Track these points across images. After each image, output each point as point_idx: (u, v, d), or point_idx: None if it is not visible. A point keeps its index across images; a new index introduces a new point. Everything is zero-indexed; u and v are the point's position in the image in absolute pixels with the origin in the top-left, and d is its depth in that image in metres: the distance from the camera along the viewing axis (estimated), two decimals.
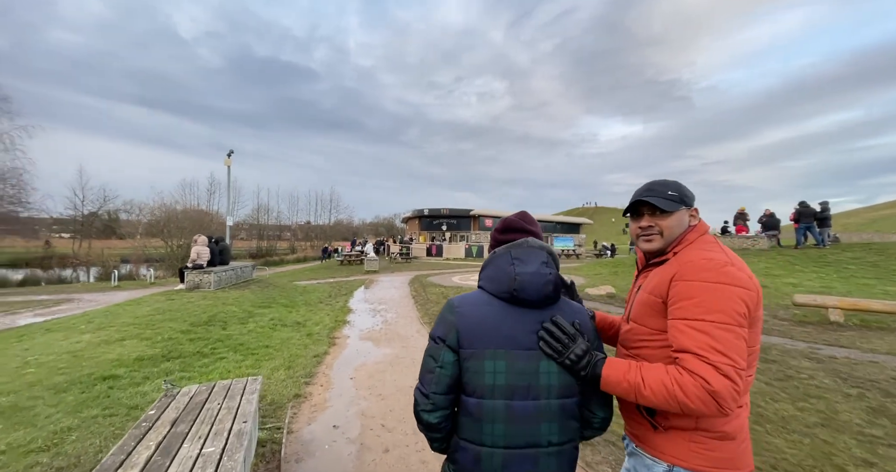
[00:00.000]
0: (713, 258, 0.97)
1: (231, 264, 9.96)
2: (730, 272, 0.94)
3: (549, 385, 0.98)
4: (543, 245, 1.10)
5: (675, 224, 1.08)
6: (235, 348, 4.96)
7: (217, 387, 2.61)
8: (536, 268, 1.02)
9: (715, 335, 0.88)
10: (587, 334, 1.04)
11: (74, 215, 32.93)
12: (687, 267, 0.98)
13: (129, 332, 4.96)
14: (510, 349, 0.98)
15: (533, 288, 1.00)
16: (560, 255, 29.87)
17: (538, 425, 0.97)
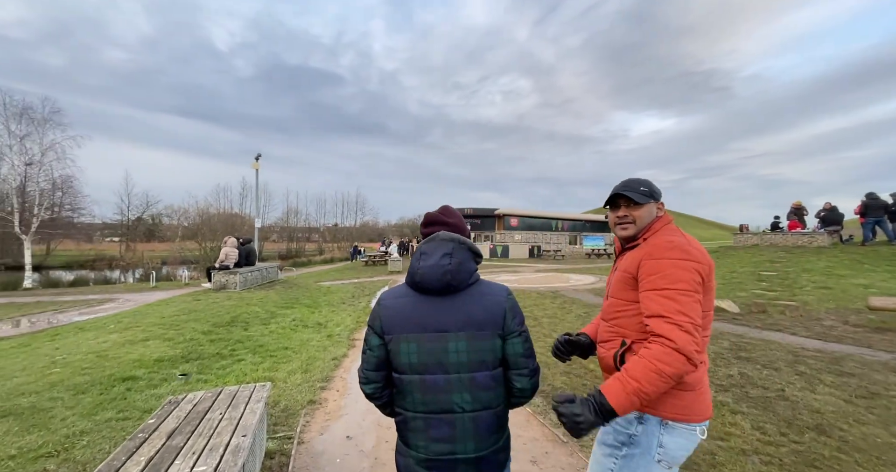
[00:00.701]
0: (674, 241, 1.19)
1: (257, 264, 10.11)
2: (687, 251, 1.16)
3: (458, 362, 1.12)
4: (454, 237, 1.20)
5: (645, 214, 1.29)
6: (255, 349, 4.91)
7: (223, 394, 2.46)
8: (436, 261, 1.14)
9: (678, 300, 1.08)
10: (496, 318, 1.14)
11: (121, 220, 35.26)
12: (654, 248, 1.20)
13: (153, 332, 5.01)
14: (420, 333, 1.13)
15: (432, 279, 1.13)
16: (591, 254, 28.89)
17: (450, 394, 1.12)
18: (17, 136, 14.10)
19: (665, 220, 1.31)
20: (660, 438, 1.18)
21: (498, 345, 1.14)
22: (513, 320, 1.16)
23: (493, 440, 1.16)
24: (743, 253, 12.45)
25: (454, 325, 1.12)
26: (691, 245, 1.19)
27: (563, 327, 6.33)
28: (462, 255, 1.18)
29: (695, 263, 1.14)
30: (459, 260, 1.16)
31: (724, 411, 2.99)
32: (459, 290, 1.16)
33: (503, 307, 1.15)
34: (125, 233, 35.20)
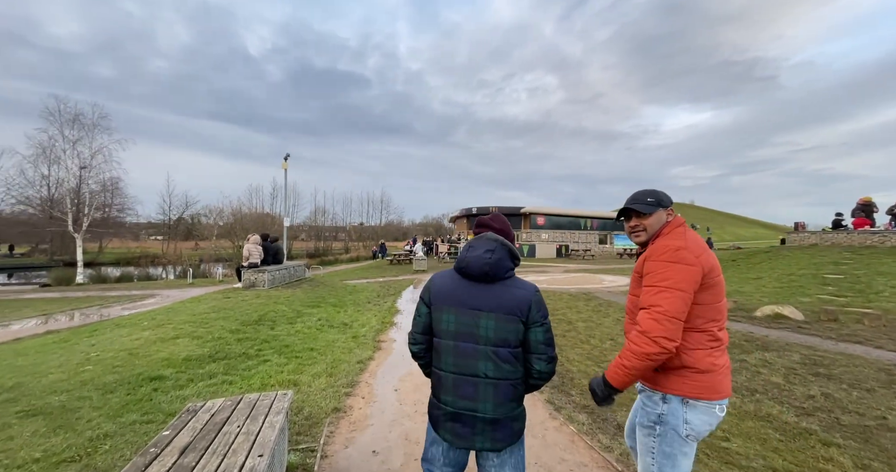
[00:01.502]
0: (669, 245, 1.39)
1: (284, 263, 10.20)
2: (679, 254, 1.35)
3: (486, 336, 1.37)
4: (497, 238, 1.46)
5: (654, 222, 1.49)
6: (280, 350, 4.82)
7: (242, 403, 2.29)
8: (479, 253, 1.41)
9: (659, 295, 1.32)
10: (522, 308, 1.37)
11: (163, 219, 37.39)
12: (653, 251, 1.42)
13: (183, 330, 5.04)
14: (458, 307, 1.41)
15: (474, 267, 1.40)
16: (623, 254, 27.63)
17: (476, 361, 1.37)
18: (71, 140, 15.13)
19: (674, 224, 1.47)
20: (685, 415, 1.36)
21: (520, 330, 1.37)
22: (537, 313, 1.38)
23: (509, 409, 1.38)
24: (800, 254, 11.36)
25: (487, 306, 1.38)
26: (687, 249, 1.35)
27: (601, 332, 5.88)
28: (501, 253, 1.42)
29: (683, 265, 1.32)
30: (499, 257, 1.41)
31: (812, 441, 2.54)
32: (495, 280, 1.41)
33: (530, 300, 1.38)
34: (167, 232, 37.23)
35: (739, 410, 3.10)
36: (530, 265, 21.03)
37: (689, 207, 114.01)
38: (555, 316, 7.14)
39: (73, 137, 15.14)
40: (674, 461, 1.40)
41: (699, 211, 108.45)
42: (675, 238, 1.41)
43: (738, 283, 10.11)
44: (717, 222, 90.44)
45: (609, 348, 5.03)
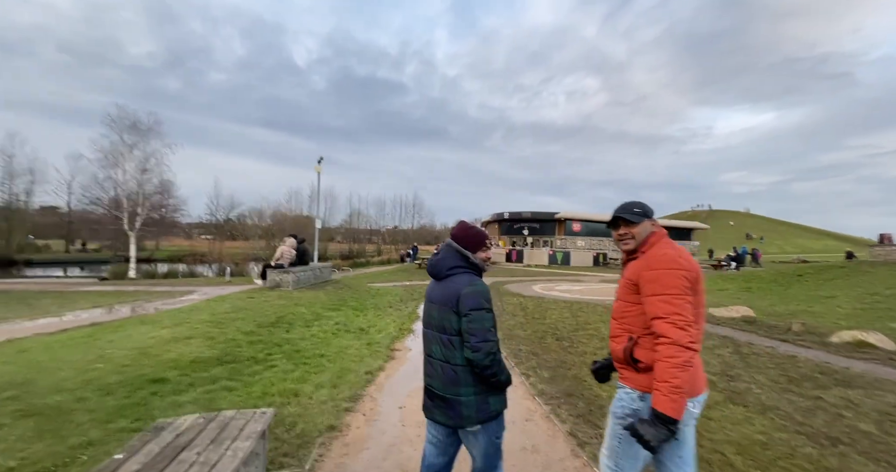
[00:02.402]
0: (667, 254, 1.46)
1: (312, 264, 10.27)
2: (677, 262, 1.43)
3: (436, 324, 1.67)
4: (447, 242, 1.79)
5: (641, 231, 1.57)
6: (290, 355, 4.66)
7: (214, 423, 2.05)
8: (435, 257, 1.77)
9: (672, 303, 1.37)
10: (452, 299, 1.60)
11: (211, 220, 40.04)
12: (651, 260, 1.48)
13: (199, 330, 5.04)
14: (427, 301, 1.78)
15: (430, 269, 1.76)
16: None
17: (430, 344, 1.71)
18: (129, 145, 16.47)
19: (660, 234, 1.56)
20: None
21: (454, 319, 1.60)
22: (464, 305, 1.56)
23: (454, 391, 1.59)
24: (885, 271, 9.78)
25: (435, 298, 1.70)
26: (681, 257, 1.46)
27: None
28: (445, 254, 1.73)
29: (684, 271, 1.41)
30: (441, 257, 1.73)
31: None
32: (440, 277, 1.71)
33: (458, 293, 1.59)
34: (213, 232, 39.79)
35: (818, 465, 2.45)
36: (564, 273, 20.06)
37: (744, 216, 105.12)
38: (586, 331, 6.52)
39: (131, 141, 16.51)
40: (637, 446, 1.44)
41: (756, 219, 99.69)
42: (668, 247, 1.50)
43: (805, 301, 8.84)
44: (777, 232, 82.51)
45: None
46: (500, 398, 1.65)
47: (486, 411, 1.58)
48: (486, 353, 1.50)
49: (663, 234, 1.57)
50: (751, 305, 8.57)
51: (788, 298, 9.41)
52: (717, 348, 5.33)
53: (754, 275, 13.78)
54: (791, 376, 4.11)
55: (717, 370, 4.35)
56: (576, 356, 5.02)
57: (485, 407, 1.58)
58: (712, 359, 4.81)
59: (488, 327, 1.53)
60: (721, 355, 4.95)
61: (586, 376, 4.30)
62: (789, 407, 3.34)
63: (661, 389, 1.29)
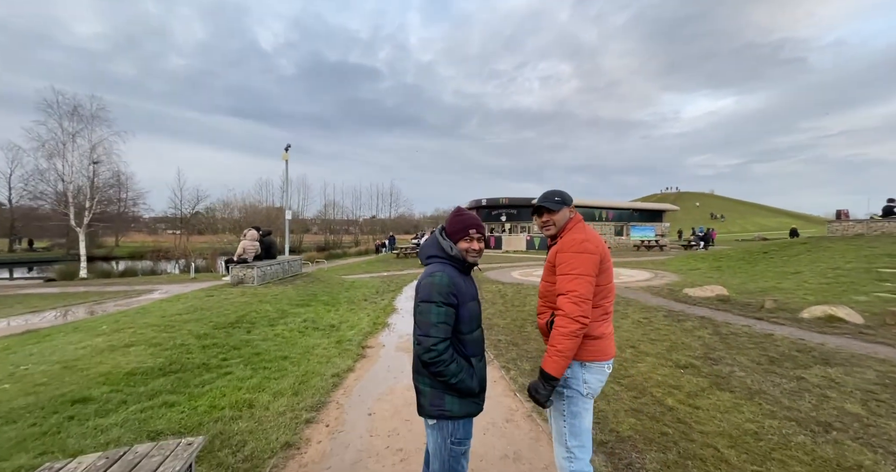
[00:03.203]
0: (576, 238, 1.65)
1: (280, 257, 9.65)
2: (583, 246, 1.61)
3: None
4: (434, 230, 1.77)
5: (560, 218, 1.76)
6: (249, 359, 4.22)
7: (118, 465, 1.64)
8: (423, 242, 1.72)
9: (572, 281, 1.55)
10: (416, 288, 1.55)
11: (174, 214, 37.74)
12: (563, 244, 1.68)
13: (143, 335, 4.48)
14: None
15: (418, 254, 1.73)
16: (640, 246, 26.38)
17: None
18: (70, 133, 14.87)
19: (576, 220, 1.76)
20: (583, 376, 1.64)
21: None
22: (417, 295, 1.51)
23: (417, 379, 1.57)
24: (844, 246, 10.19)
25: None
26: (588, 241, 1.63)
27: (619, 337, 5.09)
28: (427, 242, 1.66)
29: (588, 254, 1.59)
30: (423, 244, 1.68)
31: None
32: (423, 265, 1.64)
33: (419, 282, 1.53)
34: (178, 226, 37.61)
35: (814, 455, 2.31)
36: (543, 258, 20.14)
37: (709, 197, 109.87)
38: None
39: (73, 129, 14.91)
40: (580, 419, 1.66)
41: (719, 200, 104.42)
42: (578, 232, 1.68)
43: (774, 278, 9.09)
44: (738, 212, 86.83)
45: (631, 358, 4.25)
46: (460, 401, 1.51)
47: (439, 407, 1.50)
48: (426, 348, 1.43)
49: (578, 219, 1.76)
50: (723, 283, 8.72)
51: (757, 275, 9.67)
52: (697, 329, 5.28)
53: (723, 254, 14.21)
54: (771, 356, 4.06)
55: (700, 354, 4.25)
56: None
57: (439, 403, 1.50)
58: (693, 341, 4.73)
59: (433, 322, 1.44)
60: (701, 337, 4.88)
61: None
62: (775, 390, 3.24)
63: (549, 352, 1.54)
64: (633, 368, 3.94)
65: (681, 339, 4.88)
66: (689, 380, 3.54)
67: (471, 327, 1.55)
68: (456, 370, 1.45)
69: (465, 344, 1.54)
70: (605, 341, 1.64)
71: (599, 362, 1.63)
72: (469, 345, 1.54)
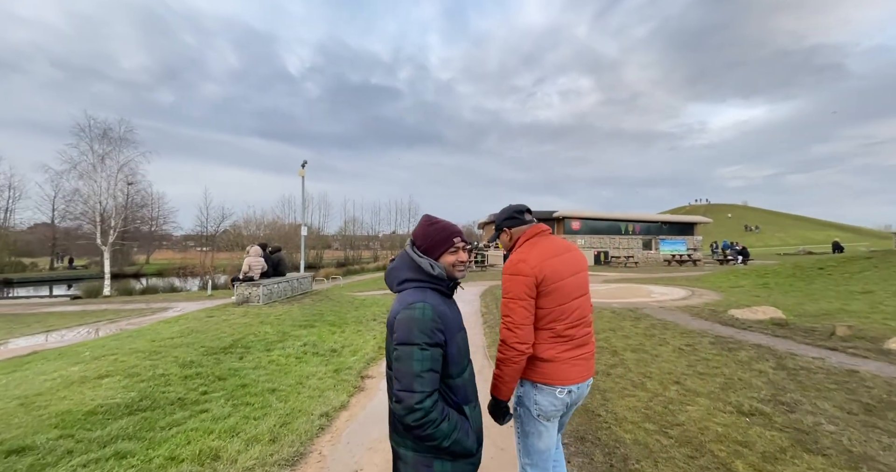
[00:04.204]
0: (513, 258, 1.59)
1: (288, 275, 9.36)
2: (517, 267, 1.54)
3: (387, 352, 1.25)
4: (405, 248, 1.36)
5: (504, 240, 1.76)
6: (232, 392, 3.75)
7: None
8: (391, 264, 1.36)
9: (507, 306, 1.53)
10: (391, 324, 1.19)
11: (202, 232, 39.04)
12: (504, 266, 1.62)
13: (124, 363, 4.12)
14: None
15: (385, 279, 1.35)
16: (671, 260, 24.83)
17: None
18: (99, 154, 15.55)
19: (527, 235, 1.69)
20: (534, 397, 1.59)
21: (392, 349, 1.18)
22: (392, 334, 1.17)
23: (395, 440, 1.24)
24: None
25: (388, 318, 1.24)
26: (524, 261, 1.54)
27: (659, 368, 4.33)
28: (398, 262, 1.32)
29: (521, 276, 1.52)
30: (392, 267, 1.33)
31: None
32: (393, 292, 1.28)
33: (393, 317, 1.18)
34: (204, 243, 38.86)
35: None
36: None
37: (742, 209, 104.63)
38: (596, 342, 5.59)
39: (102, 151, 15.60)
40: (532, 439, 1.63)
41: (753, 212, 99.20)
42: (520, 251, 1.62)
43: (838, 298, 7.94)
44: (777, 224, 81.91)
45: (677, 398, 3.50)
46: (452, 465, 1.18)
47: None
48: (409, 408, 1.08)
49: (529, 235, 1.68)
50: (775, 304, 7.69)
51: (815, 294, 8.52)
52: (755, 361, 4.43)
53: (769, 269, 12.87)
54: (865, 403, 3.21)
55: (767, 395, 3.44)
56: None
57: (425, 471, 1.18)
58: (754, 377, 3.90)
59: (416, 372, 1.10)
60: (763, 372, 4.04)
61: (600, 407, 3.40)
62: (888, 456, 2.44)
63: (493, 376, 1.58)
64: (683, 412, 3.20)
65: (737, 373, 4.06)
66: (760, 434, 2.78)
67: (461, 366, 1.25)
68: (448, 430, 1.13)
69: (455, 390, 1.23)
70: (556, 365, 1.56)
71: (551, 386, 1.56)
72: (459, 390, 1.24)
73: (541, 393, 1.56)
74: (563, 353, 1.55)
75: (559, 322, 1.54)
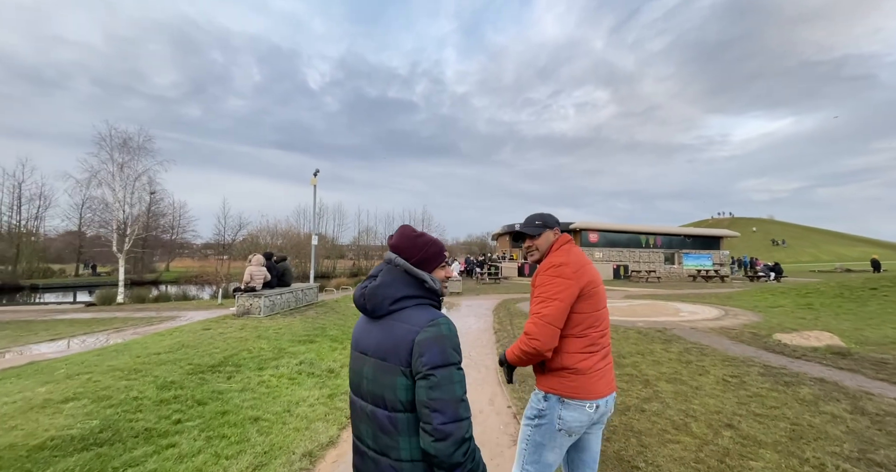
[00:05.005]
0: (553, 261, 1.59)
1: (293, 285, 9.01)
2: (559, 270, 1.54)
3: (367, 390, 1.05)
4: (389, 258, 1.17)
5: (543, 242, 1.72)
6: (209, 420, 3.30)
7: None
8: (366, 282, 1.16)
9: (542, 304, 1.51)
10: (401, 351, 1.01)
11: (220, 241, 39.70)
12: (540, 267, 1.63)
13: (97, 384, 3.74)
14: (354, 350, 1.14)
15: (363, 301, 1.12)
16: (697, 276, 23.55)
17: (359, 422, 1.08)
18: (119, 163, 15.87)
19: (560, 242, 1.69)
20: (559, 412, 1.51)
21: (402, 384, 1.00)
22: (419, 358, 1.00)
23: None
24: None
25: (370, 348, 1.09)
26: (566, 265, 1.55)
27: (704, 405, 3.67)
28: (386, 277, 1.13)
29: (563, 279, 1.51)
30: (378, 283, 1.12)
31: None
32: (378, 314, 1.11)
33: (411, 339, 1.01)
34: (222, 252, 39.48)
35: None
36: None
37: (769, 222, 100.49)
38: (621, 368, 4.96)
39: (121, 160, 15.93)
40: (541, 451, 1.55)
41: (780, 226, 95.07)
42: (558, 255, 1.61)
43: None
44: (808, 239, 78.05)
45: (732, 447, 2.86)
46: None
47: None
48: (457, 441, 0.93)
49: (563, 241, 1.69)
50: (827, 328, 6.83)
51: (871, 318, 7.59)
52: (823, 401, 3.71)
53: (811, 288, 11.77)
54: None
55: (853, 451, 2.75)
56: (615, 413, 3.50)
57: None
58: (827, 424, 3.20)
59: (460, 397, 0.97)
60: (839, 418, 3.33)
61: (637, 456, 2.79)
62: None
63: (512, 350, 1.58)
64: (743, 467, 2.56)
65: (804, 417, 3.36)
66: None
67: None
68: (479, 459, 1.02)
69: None
70: (591, 377, 1.50)
71: (580, 401, 1.49)
72: None
73: (567, 408, 1.50)
74: (597, 363, 1.53)
75: (595, 329, 1.53)
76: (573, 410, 1.50)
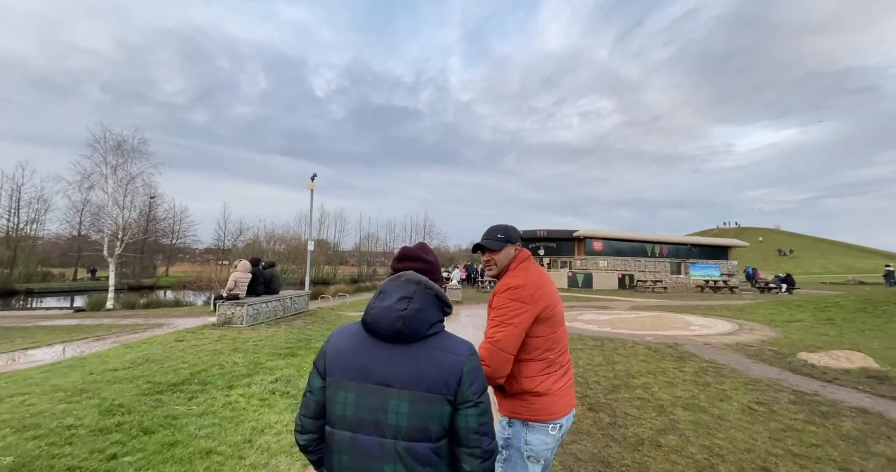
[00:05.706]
0: (510, 283, 1.50)
1: (281, 293, 8.54)
2: (516, 293, 1.47)
3: (396, 426, 0.95)
4: (420, 280, 1.10)
5: (503, 257, 1.62)
6: (152, 456, 2.81)
7: None
8: (391, 303, 1.02)
9: (495, 328, 1.45)
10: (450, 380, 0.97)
11: (219, 246, 39.46)
12: (498, 287, 1.55)
13: (30, 409, 3.27)
14: (360, 382, 0.99)
15: (383, 323, 1.00)
16: (705, 287, 22.87)
17: (382, 464, 0.95)
18: (112, 166, 15.59)
19: (519, 259, 1.62)
20: (525, 437, 1.47)
21: (447, 412, 0.97)
22: (469, 387, 0.99)
23: None
24: None
25: (400, 381, 0.96)
26: (524, 287, 1.47)
27: (730, 438, 3.15)
28: (423, 301, 1.05)
29: (519, 303, 1.45)
30: (418, 307, 1.03)
31: None
32: (413, 340, 1.02)
33: (460, 368, 0.99)
34: (222, 257, 39.20)
35: None
36: (587, 298, 17.66)
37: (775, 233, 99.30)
38: (631, 389, 4.46)
39: (115, 162, 15.66)
40: None
41: (787, 237, 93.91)
42: (516, 276, 1.54)
43: None
44: (817, 250, 76.88)
45: None
46: None
47: None
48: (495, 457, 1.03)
49: (522, 259, 1.62)
50: (855, 346, 6.26)
51: (887, 334, 7.00)
52: (871, 438, 3.17)
53: (830, 301, 11.14)
54: None
55: None
56: (626, 448, 2.99)
57: None
58: (881, 468, 2.67)
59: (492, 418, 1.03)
60: (894, 460, 2.79)
61: None
62: None
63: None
64: None
65: (853, 461, 2.83)
66: None
67: None
68: None
69: None
70: (553, 397, 1.48)
71: (543, 423, 1.47)
72: None
73: (532, 432, 1.48)
74: (556, 383, 1.50)
75: (553, 351, 1.52)
76: (538, 432, 1.48)
